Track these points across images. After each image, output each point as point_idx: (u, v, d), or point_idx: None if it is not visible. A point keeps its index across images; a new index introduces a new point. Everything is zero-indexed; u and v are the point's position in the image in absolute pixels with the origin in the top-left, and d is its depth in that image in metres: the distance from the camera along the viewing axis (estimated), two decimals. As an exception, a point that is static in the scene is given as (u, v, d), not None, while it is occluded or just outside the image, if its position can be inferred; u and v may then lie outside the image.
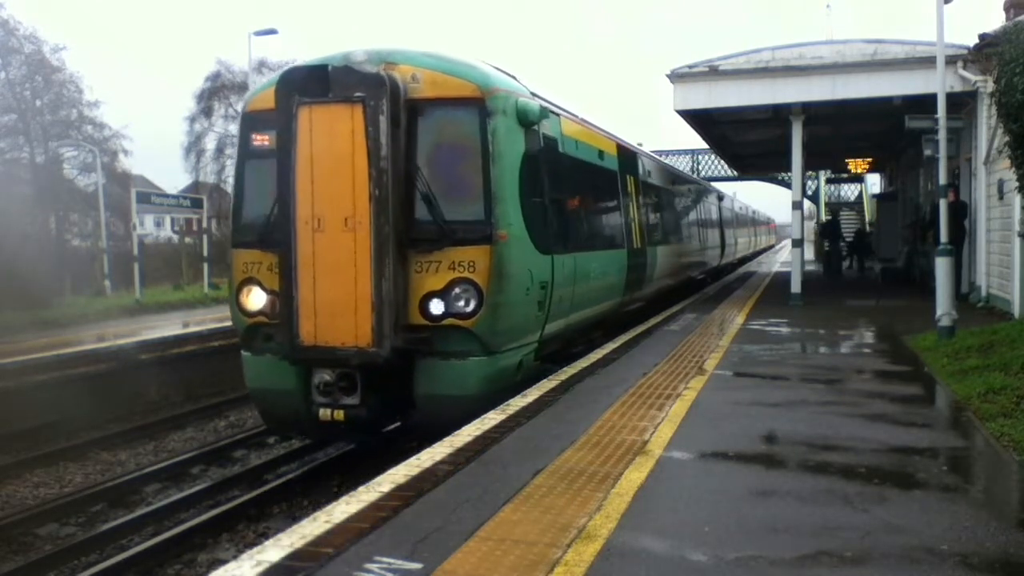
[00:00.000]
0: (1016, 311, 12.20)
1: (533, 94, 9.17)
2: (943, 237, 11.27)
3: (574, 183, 10.66)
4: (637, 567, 3.92)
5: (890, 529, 4.35)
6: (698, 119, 18.83)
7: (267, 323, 8.27)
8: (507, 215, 8.04)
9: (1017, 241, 12.20)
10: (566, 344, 10.66)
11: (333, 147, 7.62)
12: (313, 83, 7.66)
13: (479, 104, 7.99)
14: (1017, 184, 9.93)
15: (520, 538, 4.25)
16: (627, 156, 14.34)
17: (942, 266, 11.07)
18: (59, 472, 10.30)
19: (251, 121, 8.71)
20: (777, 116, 18.01)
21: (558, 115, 10.17)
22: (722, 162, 40.86)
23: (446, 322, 7.85)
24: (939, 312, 10.78)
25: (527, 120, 8.43)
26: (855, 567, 3.90)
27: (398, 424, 9.08)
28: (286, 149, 7.76)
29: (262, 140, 8.45)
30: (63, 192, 30.79)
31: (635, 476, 5.27)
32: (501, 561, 3.96)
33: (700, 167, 47.65)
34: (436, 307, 7.83)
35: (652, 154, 17.76)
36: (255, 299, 8.36)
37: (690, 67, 16.02)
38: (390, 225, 7.59)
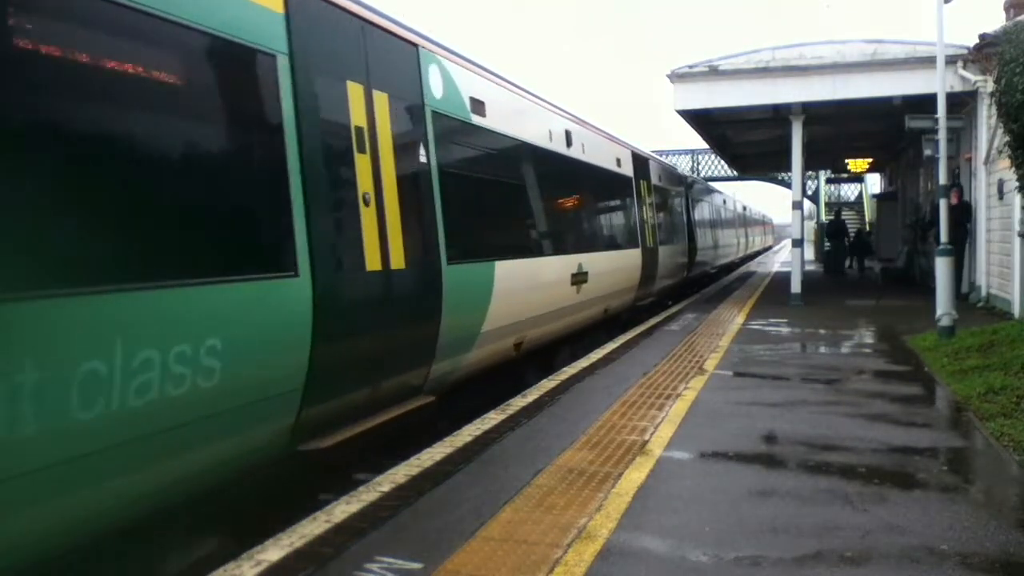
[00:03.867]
0: (1016, 311, 12.21)
1: None
2: (943, 237, 11.29)
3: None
4: (637, 567, 3.93)
5: (890, 529, 4.36)
6: (698, 119, 18.83)
7: None
8: None
9: (1017, 241, 12.20)
10: None
11: None
12: None
13: None
14: (1017, 184, 9.93)
15: (521, 538, 4.26)
16: (391, 53, 6.41)
17: (942, 266, 11.08)
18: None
19: None
20: (777, 116, 18.02)
21: None
22: (722, 162, 40.85)
23: None
24: (939, 312, 10.79)
25: None
26: (855, 567, 3.90)
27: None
28: None
29: None
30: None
31: (635, 476, 5.28)
32: (503, 561, 3.97)
33: (700, 167, 47.69)
34: None
35: (517, 84, 9.83)
36: None
37: (690, 67, 16.05)
38: None
